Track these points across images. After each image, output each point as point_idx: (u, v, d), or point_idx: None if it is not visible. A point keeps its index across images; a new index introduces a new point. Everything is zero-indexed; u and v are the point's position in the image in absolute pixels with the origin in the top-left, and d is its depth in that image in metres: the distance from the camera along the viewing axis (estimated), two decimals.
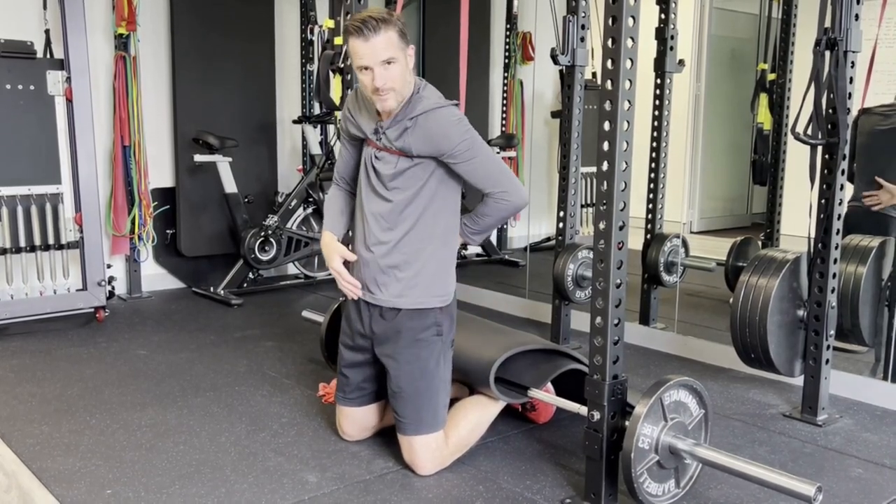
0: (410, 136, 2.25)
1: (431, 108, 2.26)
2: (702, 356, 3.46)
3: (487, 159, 2.30)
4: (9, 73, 3.72)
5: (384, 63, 2.17)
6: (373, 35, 2.15)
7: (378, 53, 2.17)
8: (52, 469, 2.32)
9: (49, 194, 3.86)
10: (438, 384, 2.33)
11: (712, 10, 4.64)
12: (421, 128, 2.24)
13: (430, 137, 2.24)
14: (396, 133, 2.27)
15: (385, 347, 2.35)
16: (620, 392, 2.06)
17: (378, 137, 2.31)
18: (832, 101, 2.59)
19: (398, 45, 2.20)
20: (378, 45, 2.16)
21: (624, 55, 1.92)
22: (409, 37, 2.26)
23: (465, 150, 2.24)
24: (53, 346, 3.56)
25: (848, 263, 2.94)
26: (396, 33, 2.19)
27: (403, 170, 2.28)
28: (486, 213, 2.36)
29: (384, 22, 2.17)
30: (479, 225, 2.40)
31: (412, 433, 2.30)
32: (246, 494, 2.18)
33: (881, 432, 2.68)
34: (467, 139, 2.26)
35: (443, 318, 2.35)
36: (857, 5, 2.55)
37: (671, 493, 2.09)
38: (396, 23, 2.20)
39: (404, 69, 2.23)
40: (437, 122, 2.25)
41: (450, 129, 2.25)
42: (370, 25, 2.15)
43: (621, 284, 2.02)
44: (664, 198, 3.81)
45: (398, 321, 2.33)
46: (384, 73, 2.18)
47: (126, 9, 4.16)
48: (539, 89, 5.59)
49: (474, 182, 2.30)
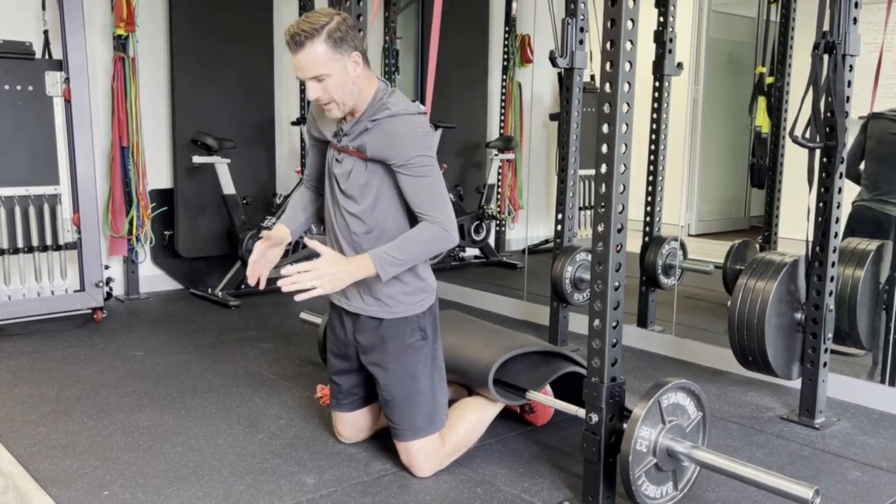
0: (368, 136, 2.17)
1: (398, 113, 2.16)
2: (699, 359, 3.46)
3: (437, 183, 2.19)
4: (7, 74, 3.72)
5: (313, 79, 2.10)
6: (299, 50, 2.07)
7: (305, 70, 2.10)
8: (49, 470, 2.31)
9: (47, 195, 3.86)
10: (431, 387, 2.31)
11: (711, 13, 4.65)
12: (382, 130, 2.16)
13: (388, 141, 2.15)
14: (355, 133, 2.20)
15: (371, 356, 2.33)
16: (618, 394, 2.06)
17: (339, 139, 2.26)
18: (830, 104, 2.60)
19: (329, 58, 2.08)
20: (303, 61, 2.09)
21: (623, 58, 1.93)
22: (353, 40, 2.13)
23: (418, 166, 2.14)
24: (51, 347, 3.56)
25: (846, 267, 2.95)
26: (327, 45, 2.07)
27: (362, 172, 2.21)
28: (416, 239, 2.17)
29: (311, 36, 2.06)
30: (405, 253, 2.15)
31: (408, 439, 2.29)
32: (244, 496, 2.17)
33: (878, 435, 2.69)
34: (425, 155, 2.16)
35: (426, 322, 2.32)
36: (855, 9, 2.56)
37: (669, 495, 2.09)
38: (330, 33, 2.07)
39: (343, 80, 2.12)
40: (398, 128, 2.16)
41: (410, 139, 2.15)
42: (297, 39, 2.06)
43: (619, 287, 2.03)
44: (662, 200, 3.81)
45: (382, 331, 2.29)
46: (316, 87, 2.12)
47: (125, 10, 4.16)
48: (538, 92, 5.59)
49: (415, 200, 2.17)
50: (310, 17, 2.10)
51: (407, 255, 2.16)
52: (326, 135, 2.31)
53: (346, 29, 2.11)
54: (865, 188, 3.47)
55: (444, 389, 2.38)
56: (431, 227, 2.16)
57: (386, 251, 2.14)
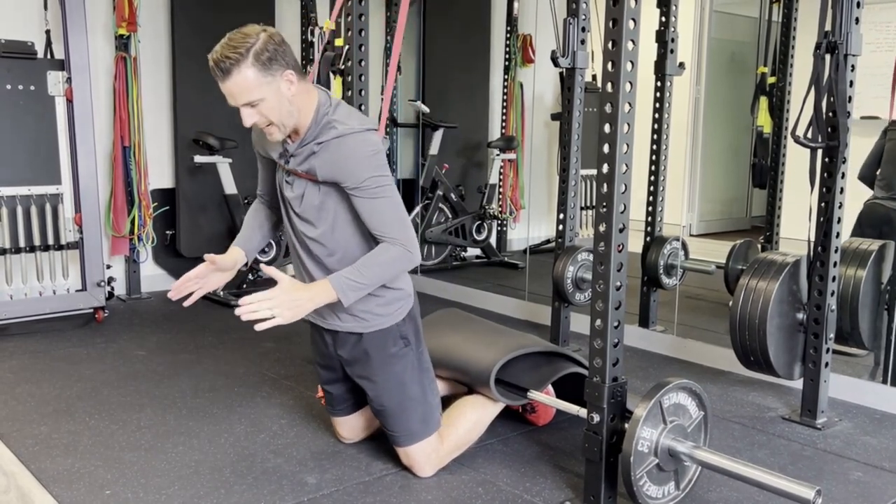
0: (316, 160, 2.08)
1: (345, 133, 2.05)
2: (701, 359, 3.45)
3: (392, 203, 2.09)
4: (9, 74, 3.72)
5: (246, 105, 2.00)
6: (226, 78, 1.95)
7: (236, 98, 1.99)
8: (51, 469, 2.32)
9: (49, 195, 3.86)
10: (421, 391, 2.29)
11: (712, 13, 4.65)
12: (330, 153, 2.06)
13: (338, 163, 2.05)
14: (303, 157, 2.10)
15: (356, 369, 2.30)
16: (620, 394, 2.06)
17: (286, 160, 2.16)
18: (832, 104, 2.59)
19: (260, 82, 1.96)
20: (232, 89, 1.97)
21: (624, 58, 1.92)
22: (284, 57, 1.99)
23: (372, 187, 2.05)
24: (52, 346, 3.56)
25: (847, 267, 2.94)
26: (255, 68, 1.95)
27: (315, 195, 2.13)
28: (378, 262, 2.08)
29: (237, 61, 1.93)
30: (367, 277, 2.06)
31: (406, 444, 2.29)
32: (245, 496, 2.17)
33: (880, 435, 2.69)
34: (377, 176, 2.05)
35: (407, 329, 2.27)
36: (857, 9, 2.55)
37: (671, 495, 2.09)
38: (257, 54, 1.95)
39: (279, 102, 2.01)
40: (348, 149, 2.05)
41: (361, 160, 2.05)
42: (221, 67, 1.94)
43: (621, 287, 2.02)
44: (664, 200, 3.81)
45: (363, 344, 2.25)
46: (251, 113, 2.01)
47: (126, 9, 4.16)
48: (539, 92, 5.60)
49: (372, 222, 2.08)
50: (233, 40, 1.96)
51: (369, 279, 2.07)
52: (272, 155, 2.22)
53: (275, 47, 1.98)
54: (880, 188, 3.48)
55: (435, 390, 2.36)
56: (393, 247, 2.07)
57: (347, 276, 2.05)
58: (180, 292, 2.22)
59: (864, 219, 3.39)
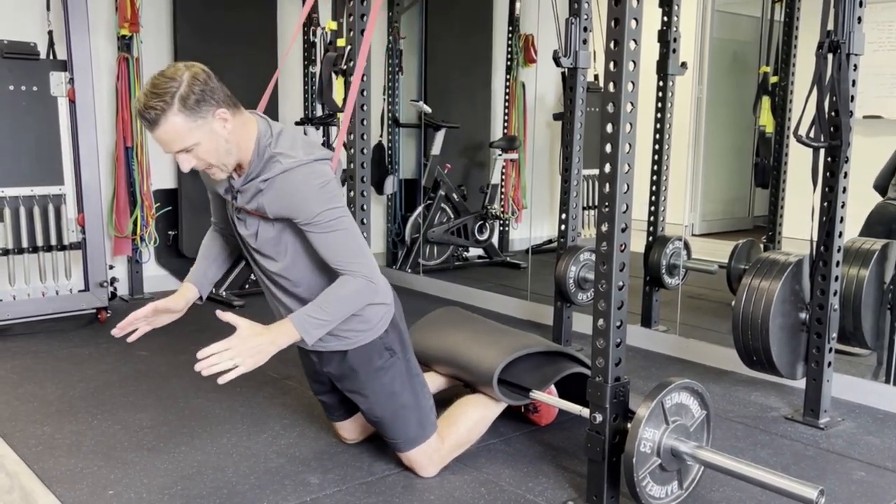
0: (264, 198, 1.98)
1: (290, 167, 1.95)
2: (703, 358, 3.45)
3: (349, 235, 2.00)
4: (12, 74, 3.73)
5: (181, 152, 1.90)
6: (154, 129, 1.85)
7: (168, 146, 1.89)
8: (54, 470, 2.32)
9: (52, 195, 3.86)
10: (413, 397, 2.27)
11: (714, 12, 4.65)
12: (277, 190, 1.96)
13: (287, 200, 1.96)
14: (250, 194, 2.01)
15: (345, 384, 2.28)
16: (622, 394, 2.06)
17: (233, 197, 2.06)
18: (834, 103, 2.59)
19: (190, 127, 1.85)
20: (162, 138, 1.87)
21: (626, 57, 1.92)
22: (213, 95, 1.88)
23: (325, 221, 1.96)
24: (55, 346, 3.57)
25: (850, 266, 2.94)
26: (183, 115, 1.84)
27: (269, 230, 2.06)
28: (340, 296, 1.99)
29: (163, 110, 1.82)
30: (329, 313, 1.98)
31: (407, 450, 2.29)
32: (248, 496, 2.18)
33: (883, 435, 2.68)
34: (330, 209, 1.96)
35: (391, 339, 2.23)
36: (859, 8, 2.55)
37: (674, 494, 2.09)
38: (183, 99, 1.83)
39: (215, 144, 1.90)
40: (295, 184, 1.95)
41: (310, 195, 1.95)
42: (147, 117, 1.84)
43: (623, 287, 2.02)
44: (666, 200, 3.81)
45: (348, 361, 2.21)
46: (187, 159, 1.91)
47: (129, 10, 4.17)
48: (541, 92, 5.59)
49: (330, 256, 1.99)
50: (155, 86, 1.84)
51: (331, 315, 1.98)
52: (219, 191, 2.13)
53: (201, 87, 1.86)
54: (894, 189, 3.47)
55: (427, 392, 2.34)
56: (354, 280, 1.99)
57: (309, 313, 1.97)
58: (124, 330, 2.13)
59: (874, 217, 3.38)
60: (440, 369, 2.71)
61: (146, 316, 2.14)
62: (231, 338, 1.91)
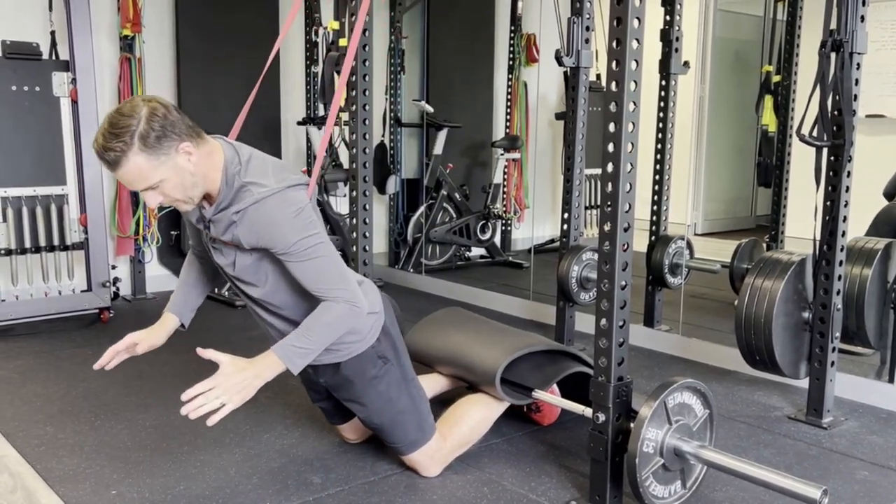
0: (238, 230, 1.93)
1: (262, 197, 1.88)
2: (706, 358, 3.45)
3: (328, 261, 1.95)
4: (14, 75, 3.73)
5: (147, 190, 1.84)
6: (116, 170, 1.78)
7: (133, 185, 1.83)
8: (57, 469, 2.32)
9: (54, 195, 3.87)
10: (411, 401, 2.27)
11: (717, 11, 4.65)
12: (250, 221, 1.91)
13: (261, 231, 1.91)
14: (223, 226, 1.95)
15: (341, 394, 2.28)
16: (625, 394, 2.05)
17: (206, 227, 2.01)
18: (837, 102, 2.59)
19: (154, 165, 1.78)
20: (125, 178, 1.81)
21: (629, 57, 1.92)
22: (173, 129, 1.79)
23: (302, 250, 1.91)
24: (58, 346, 3.57)
25: (853, 266, 2.93)
26: (145, 154, 1.76)
27: (247, 259, 2.02)
28: (323, 322, 1.95)
29: (123, 151, 1.74)
30: (313, 341, 1.95)
31: (408, 452, 2.29)
32: (250, 495, 2.18)
33: (887, 435, 2.68)
34: (306, 237, 1.91)
35: (384, 347, 2.22)
36: (862, 7, 2.54)
37: (677, 494, 2.09)
38: (142, 137, 1.74)
39: (181, 178, 1.84)
40: (268, 215, 1.89)
41: (284, 224, 1.89)
42: (107, 159, 1.76)
43: (626, 286, 2.02)
44: (668, 199, 3.81)
45: (342, 372, 2.20)
46: (153, 195, 1.85)
47: (131, 10, 4.17)
48: (543, 91, 5.59)
49: (310, 284, 1.95)
50: (113, 125, 1.75)
51: (315, 343, 1.95)
52: (192, 220, 2.06)
53: (161, 122, 1.77)
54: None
55: (423, 395, 2.34)
56: (336, 305, 1.95)
57: (292, 342, 1.94)
58: (102, 362, 2.11)
59: (882, 217, 3.37)
60: (443, 369, 2.70)
61: (127, 348, 2.14)
62: (215, 376, 1.89)
